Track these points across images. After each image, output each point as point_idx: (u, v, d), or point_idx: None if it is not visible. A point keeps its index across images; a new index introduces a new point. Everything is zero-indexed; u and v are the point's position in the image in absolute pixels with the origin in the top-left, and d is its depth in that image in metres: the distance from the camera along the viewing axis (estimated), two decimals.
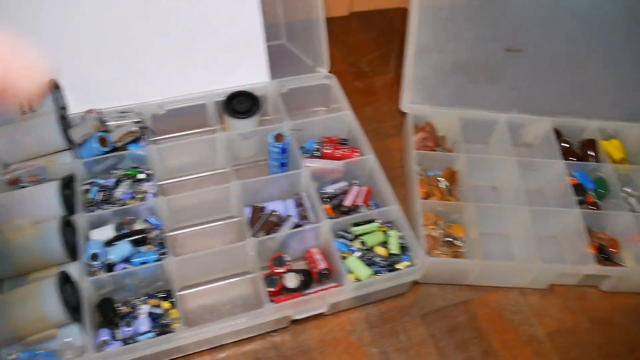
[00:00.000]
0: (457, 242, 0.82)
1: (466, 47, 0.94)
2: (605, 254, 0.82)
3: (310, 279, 0.78)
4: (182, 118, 0.91)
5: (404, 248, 0.78)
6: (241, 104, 0.88)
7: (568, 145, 0.93)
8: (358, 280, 0.74)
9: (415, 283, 0.82)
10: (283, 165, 0.88)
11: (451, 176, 0.87)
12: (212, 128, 0.91)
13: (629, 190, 0.89)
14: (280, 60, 0.96)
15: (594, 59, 0.95)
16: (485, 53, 0.94)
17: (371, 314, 0.79)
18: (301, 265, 0.81)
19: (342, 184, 0.85)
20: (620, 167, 0.91)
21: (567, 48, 0.94)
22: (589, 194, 0.88)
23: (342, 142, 0.90)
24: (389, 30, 1.18)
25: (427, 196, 0.84)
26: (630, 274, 0.80)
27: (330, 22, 1.14)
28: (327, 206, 0.82)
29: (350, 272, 0.75)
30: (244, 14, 0.89)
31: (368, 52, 1.11)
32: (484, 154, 0.94)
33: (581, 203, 0.85)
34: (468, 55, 0.94)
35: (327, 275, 0.77)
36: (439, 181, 0.86)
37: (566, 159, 0.91)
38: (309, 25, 0.94)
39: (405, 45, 0.93)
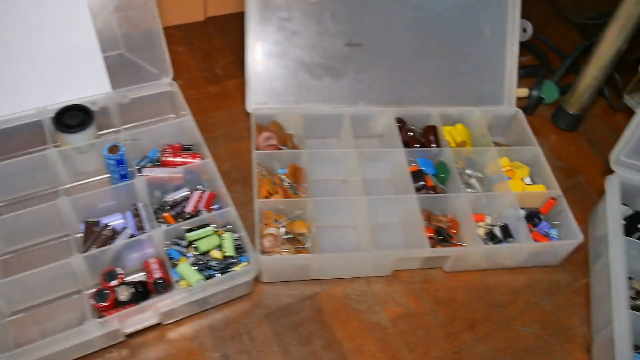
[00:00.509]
0: (300, 238, 0.83)
1: (307, 45, 0.95)
2: (442, 236, 0.85)
3: (147, 290, 0.76)
4: (18, 137, 0.88)
5: (240, 250, 0.79)
6: (73, 117, 0.85)
7: (412, 134, 0.96)
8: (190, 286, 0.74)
9: (260, 283, 0.82)
10: (124, 177, 0.86)
11: (295, 173, 0.88)
12: (48, 146, 0.87)
13: (469, 172, 0.93)
14: (122, 71, 0.93)
15: (433, 48, 0.99)
16: (327, 49, 0.95)
17: (215, 318, 0.78)
18: (142, 277, 0.80)
19: (184, 191, 0.85)
20: (464, 150, 0.95)
21: (406, 38, 0.97)
22: (430, 178, 0.91)
23: (187, 149, 0.90)
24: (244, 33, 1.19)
25: (269, 195, 0.85)
26: (467, 253, 0.83)
27: (187, 28, 1.14)
28: (167, 214, 0.82)
29: (182, 278, 0.75)
30: (75, 25, 0.87)
31: (223, 56, 1.11)
32: (333, 148, 0.96)
33: (422, 188, 0.89)
34: (310, 52, 0.95)
35: (162, 285, 0.75)
36: (282, 179, 0.87)
37: (411, 146, 0.95)
38: (148, 34, 0.93)
39: (246, 46, 0.94)
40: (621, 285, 0.76)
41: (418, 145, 0.94)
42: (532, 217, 0.89)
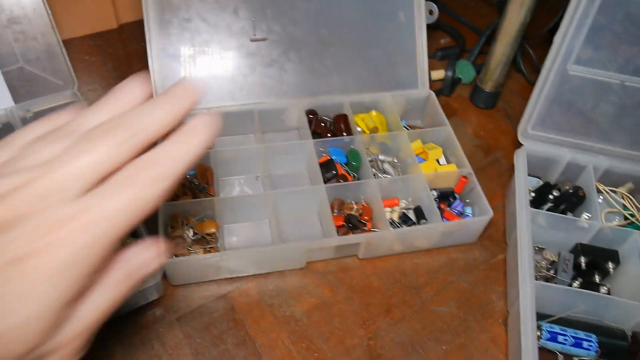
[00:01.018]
0: (210, 238, 0.82)
1: (212, 43, 0.95)
2: (352, 223, 0.84)
3: None
4: None
5: None
6: None
7: (324, 124, 0.95)
8: None
9: (172, 286, 0.81)
10: None
11: (203, 173, 0.87)
12: None
13: (382, 157, 0.93)
14: (23, 84, 0.92)
15: (342, 37, 0.98)
16: (232, 46, 0.95)
17: (123, 326, 0.77)
18: None
19: None
20: (377, 136, 0.95)
21: (312, 29, 0.97)
22: (342, 167, 0.91)
23: None
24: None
25: (177, 198, 0.84)
26: (377, 238, 0.82)
27: (99, 36, 1.13)
28: None
29: None
30: None
31: (138, 62, 1.09)
32: (245, 145, 0.94)
33: (332, 178, 0.88)
34: (215, 51, 0.95)
35: None
36: (191, 181, 0.86)
37: (323, 137, 0.94)
38: (48, 46, 0.91)
39: (148, 50, 0.93)
40: (526, 256, 0.77)
41: (330, 135, 0.94)
42: (447, 197, 0.89)
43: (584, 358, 0.73)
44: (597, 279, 0.82)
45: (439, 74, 1.08)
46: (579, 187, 0.88)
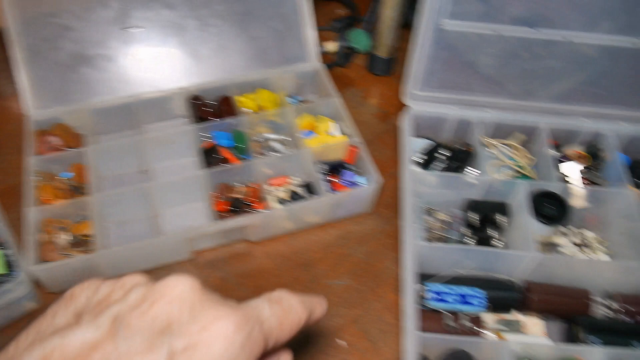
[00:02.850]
0: (87, 240, 0.79)
1: (82, 37, 0.90)
2: (238, 206, 0.82)
3: None
4: None
5: (13, 266, 0.74)
6: None
7: (209, 108, 0.92)
8: None
9: (51, 294, 0.78)
10: None
11: (80, 173, 0.83)
12: None
13: (270, 135, 0.90)
14: None
15: (221, 16, 0.94)
16: (105, 38, 0.91)
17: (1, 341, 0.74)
18: None
19: None
20: (264, 115, 0.92)
21: (189, 12, 0.93)
22: (228, 150, 0.88)
23: None
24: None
25: (51, 201, 0.80)
26: (263, 218, 0.79)
27: None
28: None
29: None
30: None
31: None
32: (128, 139, 0.89)
33: (217, 163, 0.85)
34: (86, 44, 0.90)
35: None
36: (65, 182, 0.83)
37: (209, 121, 0.91)
38: None
39: (11, 49, 0.88)
40: (409, 218, 0.75)
41: (218, 120, 0.91)
42: (337, 169, 0.87)
43: (470, 313, 0.72)
44: (491, 233, 0.81)
45: (332, 45, 1.05)
46: (467, 143, 0.86)
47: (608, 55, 0.84)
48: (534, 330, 0.76)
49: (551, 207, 0.78)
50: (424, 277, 0.75)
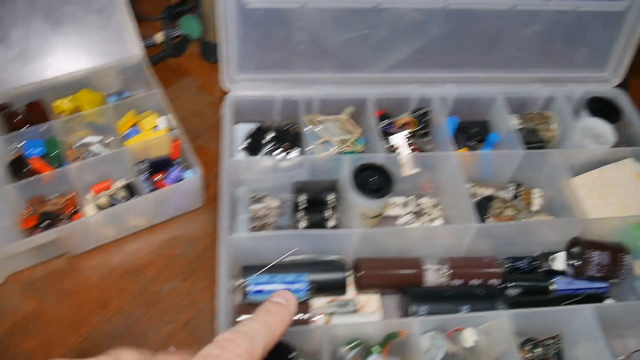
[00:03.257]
0: None
1: None
2: (49, 220, 0.75)
3: None
4: None
5: None
6: None
7: (18, 116, 0.84)
8: None
9: None
10: None
11: None
12: None
13: (88, 139, 0.83)
14: None
15: (28, 14, 0.87)
16: None
17: None
18: None
19: None
20: (85, 116, 0.84)
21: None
22: (41, 160, 0.81)
23: None
24: None
25: None
26: (79, 227, 0.73)
27: None
28: None
29: None
30: None
31: None
32: None
33: (26, 175, 0.78)
34: None
35: None
36: None
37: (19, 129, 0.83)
38: None
39: None
40: (225, 210, 0.70)
41: (26, 129, 0.83)
42: (160, 166, 0.82)
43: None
44: (324, 213, 0.78)
45: (162, 35, 0.99)
46: (292, 123, 0.84)
47: (433, 19, 0.83)
48: (370, 307, 0.76)
49: (374, 180, 0.77)
50: (250, 270, 0.72)
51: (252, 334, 0.37)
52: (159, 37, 0.98)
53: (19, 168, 0.78)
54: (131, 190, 0.79)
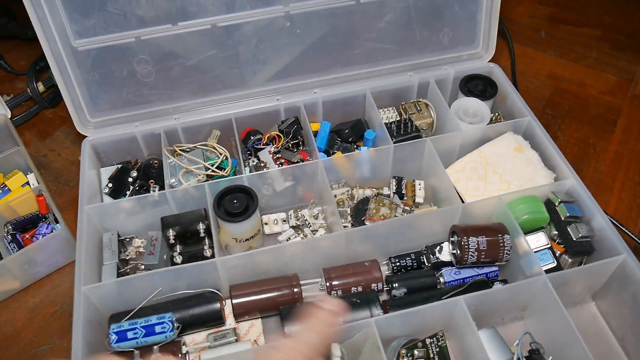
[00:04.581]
0: None
1: None
2: None
3: None
4: None
5: None
6: None
7: None
8: None
9: None
10: None
11: None
12: None
13: None
14: None
15: None
16: None
17: None
18: None
19: None
20: None
21: None
22: None
23: None
24: None
25: None
26: None
27: None
28: None
29: None
30: None
31: None
32: None
33: None
34: None
35: None
36: None
37: None
38: None
39: None
40: (79, 258, 0.68)
41: None
42: (33, 223, 0.79)
43: (162, 343, 0.66)
44: (201, 244, 0.76)
45: (32, 89, 0.97)
46: (152, 158, 0.81)
47: (278, 29, 0.80)
48: (252, 334, 0.72)
49: (234, 203, 0.74)
50: (117, 318, 0.69)
51: (310, 343, 0.42)
52: (28, 91, 0.96)
53: None
54: (0, 254, 0.78)
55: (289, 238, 0.79)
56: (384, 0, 0.81)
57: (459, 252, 0.71)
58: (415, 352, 0.64)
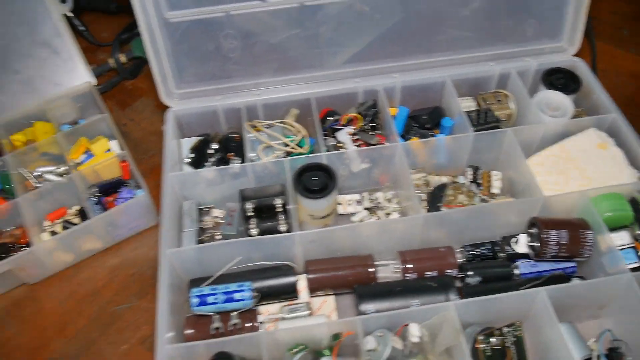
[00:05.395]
0: None
1: None
2: (3, 250, 0.77)
3: None
4: None
5: None
6: None
7: None
8: None
9: None
10: None
11: None
12: None
13: (41, 169, 0.84)
14: None
15: None
16: None
17: None
18: None
19: None
20: (38, 147, 0.86)
21: None
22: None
23: None
24: None
25: None
26: (33, 254, 0.75)
27: None
28: None
29: None
30: None
31: None
32: None
33: None
34: None
35: None
36: None
37: None
38: None
39: None
40: (165, 224, 0.70)
41: None
42: (110, 188, 0.82)
43: (240, 310, 0.68)
44: (275, 219, 0.76)
45: (115, 60, 1.01)
46: (233, 132, 0.83)
47: (373, 9, 0.81)
48: (325, 309, 0.74)
49: (315, 180, 0.75)
50: (197, 283, 0.71)
51: None
52: (111, 62, 1.00)
53: None
54: (84, 215, 0.81)
55: (362, 219, 0.80)
56: None
57: (538, 244, 0.71)
58: (492, 339, 0.65)
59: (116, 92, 1.01)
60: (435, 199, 0.79)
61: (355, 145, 0.81)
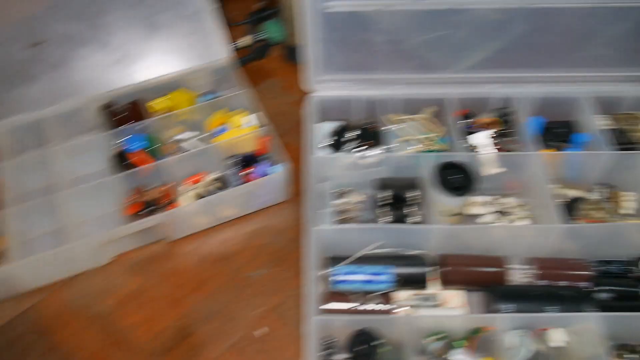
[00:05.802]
0: (3, 253, 0.79)
1: None
2: (151, 207, 0.81)
3: None
4: None
5: None
6: None
7: (119, 114, 0.91)
8: None
9: None
10: None
11: None
12: None
13: (182, 135, 0.89)
14: None
15: (123, 23, 0.94)
16: (7, 57, 0.91)
17: None
18: None
19: None
20: (179, 115, 0.90)
21: (88, 23, 0.92)
22: (143, 153, 0.87)
23: None
24: None
25: None
26: (177, 215, 0.80)
27: None
28: None
29: None
30: None
31: None
32: (40, 153, 0.88)
33: (127, 168, 0.84)
34: None
35: None
36: None
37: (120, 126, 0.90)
38: None
39: None
40: (310, 201, 0.74)
41: (127, 126, 0.90)
42: (249, 160, 0.86)
43: (378, 292, 0.72)
44: (404, 210, 0.79)
45: (246, 40, 1.04)
46: (372, 122, 0.86)
47: (515, 19, 0.83)
48: (454, 302, 0.76)
49: (456, 178, 0.78)
50: (336, 261, 0.75)
51: None
52: (242, 41, 1.04)
53: (120, 161, 0.86)
54: (223, 183, 0.85)
55: (491, 222, 0.82)
56: (622, 8, 0.81)
57: None
58: (629, 355, 0.66)
59: (244, 71, 1.04)
60: (568, 211, 0.80)
61: (496, 149, 0.83)
